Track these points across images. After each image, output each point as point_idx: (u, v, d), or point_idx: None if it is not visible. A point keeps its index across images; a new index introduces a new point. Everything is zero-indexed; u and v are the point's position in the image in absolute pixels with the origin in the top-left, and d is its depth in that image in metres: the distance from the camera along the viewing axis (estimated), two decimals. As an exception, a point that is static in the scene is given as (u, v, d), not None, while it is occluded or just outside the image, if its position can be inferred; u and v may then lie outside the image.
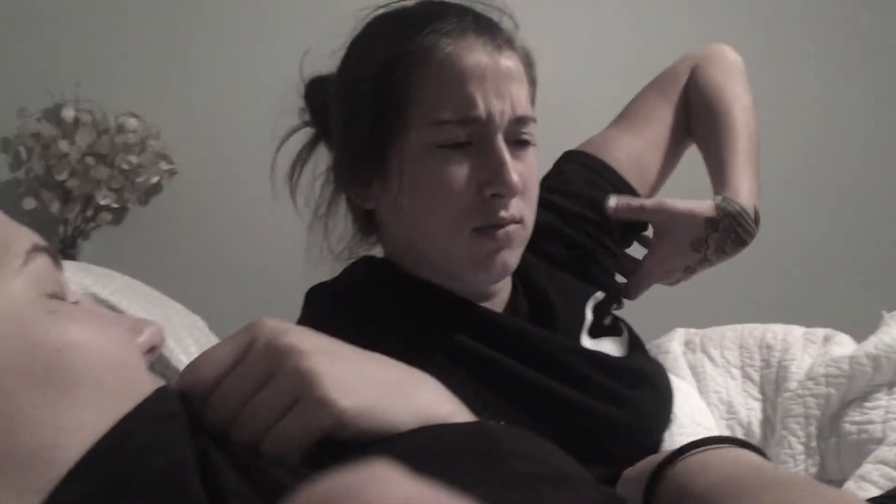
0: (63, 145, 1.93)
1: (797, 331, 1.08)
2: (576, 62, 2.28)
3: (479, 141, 0.78)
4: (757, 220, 0.93)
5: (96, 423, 0.41)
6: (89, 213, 2.01)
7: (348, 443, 0.45)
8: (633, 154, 1.02)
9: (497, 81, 0.78)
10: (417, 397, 0.49)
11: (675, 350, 1.09)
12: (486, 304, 0.87)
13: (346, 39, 0.87)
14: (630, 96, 1.11)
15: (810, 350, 1.03)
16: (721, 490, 0.49)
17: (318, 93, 0.91)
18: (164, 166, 2.05)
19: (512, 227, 0.79)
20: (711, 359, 1.07)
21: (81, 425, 0.41)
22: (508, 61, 0.80)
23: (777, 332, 1.08)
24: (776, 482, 0.48)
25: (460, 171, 0.77)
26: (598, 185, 0.98)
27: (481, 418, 0.52)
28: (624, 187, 0.99)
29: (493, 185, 0.77)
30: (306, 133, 0.95)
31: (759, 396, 1.03)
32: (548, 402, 0.80)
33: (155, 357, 0.51)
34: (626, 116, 1.08)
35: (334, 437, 0.45)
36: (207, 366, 0.48)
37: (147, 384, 0.46)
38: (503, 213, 0.78)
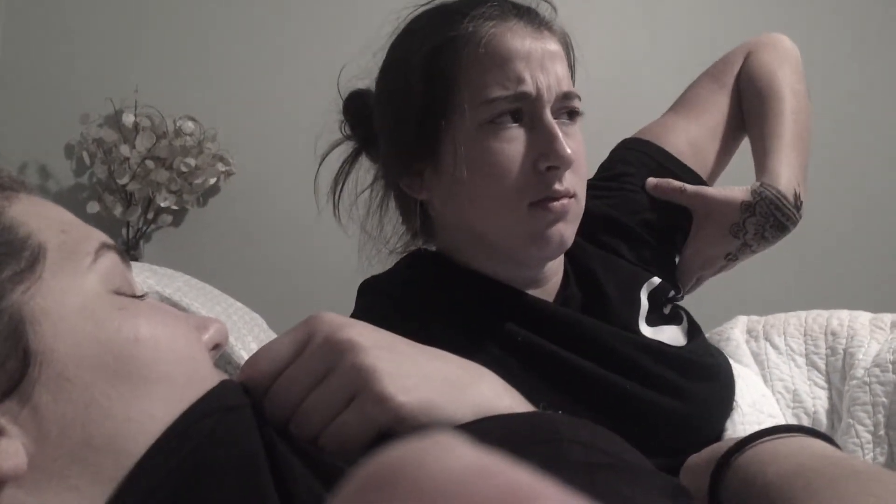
0: (124, 150, 1.99)
1: (863, 317, 1.05)
2: (631, 50, 2.25)
3: (529, 117, 0.79)
4: (798, 206, 0.92)
5: (166, 415, 0.42)
6: (150, 215, 2.06)
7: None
8: (692, 140, 1.01)
9: (541, 59, 0.79)
10: (476, 392, 0.49)
11: (736, 337, 1.07)
12: (537, 293, 0.87)
13: (386, 42, 0.88)
14: (685, 84, 1.10)
15: (878, 336, 1.00)
16: (792, 480, 0.48)
17: (357, 105, 0.93)
18: (221, 168, 2.09)
19: (566, 201, 0.80)
20: (775, 346, 1.04)
21: (152, 416, 0.42)
22: (550, 42, 0.81)
23: (843, 319, 1.04)
24: (851, 471, 0.47)
25: (513, 148, 0.78)
26: (659, 172, 0.97)
27: (539, 409, 0.51)
28: (685, 173, 0.98)
29: (548, 158, 0.78)
30: (346, 149, 0.96)
31: (825, 385, 1.00)
32: (602, 393, 0.80)
33: (219, 354, 0.53)
34: (683, 103, 1.07)
35: (393, 433, 0.46)
36: (266, 360, 0.48)
37: (213, 379, 0.47)
38: (558, 186, 0.79)
